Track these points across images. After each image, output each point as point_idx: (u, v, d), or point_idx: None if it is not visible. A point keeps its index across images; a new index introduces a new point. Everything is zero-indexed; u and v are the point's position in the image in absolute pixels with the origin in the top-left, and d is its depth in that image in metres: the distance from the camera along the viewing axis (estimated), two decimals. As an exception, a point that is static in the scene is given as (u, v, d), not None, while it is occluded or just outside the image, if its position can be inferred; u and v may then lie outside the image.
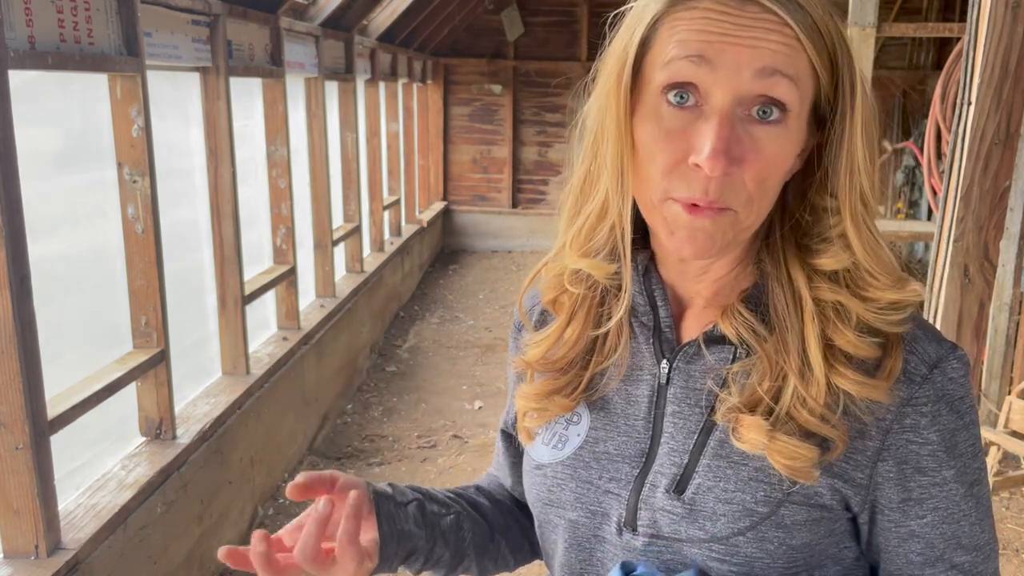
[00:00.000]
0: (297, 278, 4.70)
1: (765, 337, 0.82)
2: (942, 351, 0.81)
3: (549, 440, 0.92)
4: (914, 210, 8.54)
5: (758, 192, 0.77)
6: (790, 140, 0.77)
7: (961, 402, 0.81)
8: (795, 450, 0.78)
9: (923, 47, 9.09)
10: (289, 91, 4.56)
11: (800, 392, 0.79)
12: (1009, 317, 3.88)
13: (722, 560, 0.81)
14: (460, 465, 4.47)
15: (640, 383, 0.89)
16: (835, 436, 0.79)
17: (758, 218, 0.80)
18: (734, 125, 0.75)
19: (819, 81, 0.78)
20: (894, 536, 0.83)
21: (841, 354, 0.79)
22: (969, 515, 0.82)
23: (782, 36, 0.74)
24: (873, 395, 0.78)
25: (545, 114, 10.09)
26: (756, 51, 0.74)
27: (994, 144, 2.43)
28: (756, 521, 0.80)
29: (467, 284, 8.72)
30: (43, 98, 2.79)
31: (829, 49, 0.77)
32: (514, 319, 1.05)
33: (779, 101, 0.75)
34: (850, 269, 0.81)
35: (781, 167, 0.78)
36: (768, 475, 0.80)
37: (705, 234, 0.77)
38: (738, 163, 0.75)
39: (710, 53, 0.74)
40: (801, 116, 0.78)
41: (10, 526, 2.32)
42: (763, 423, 0.79)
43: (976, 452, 0.83)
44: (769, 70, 0.74)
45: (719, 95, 0.75)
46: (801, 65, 0.76)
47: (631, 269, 0.86)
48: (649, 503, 0.85)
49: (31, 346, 2.27)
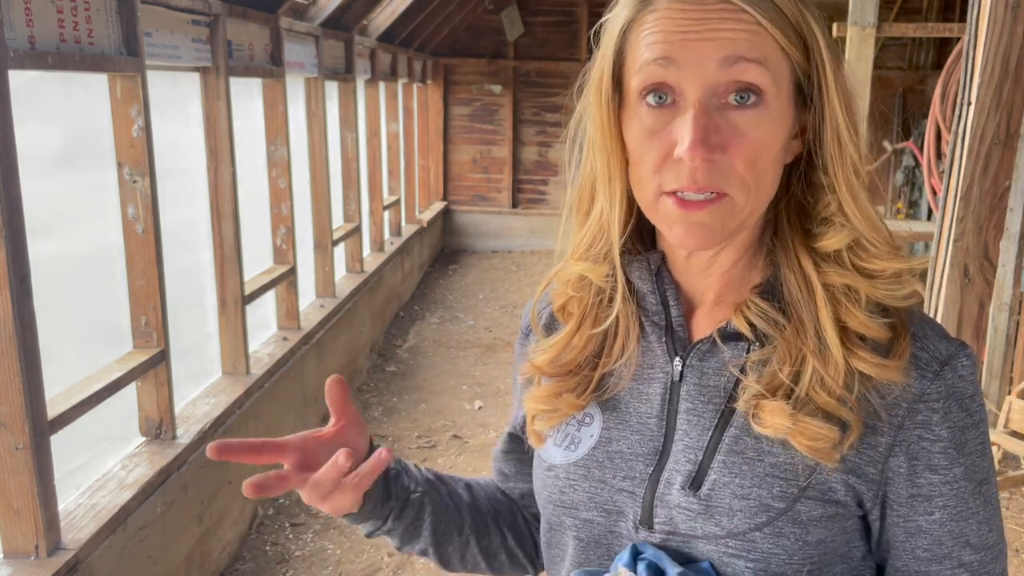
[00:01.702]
0: (297, 278, 4.70)
1: (783, 325, 0.83)
2: (952, 348, 0.82)
3: (561, 442, 0.93)
4: (914, 210, 8.54)
5: (751, 175, 0.79)
6: (773, 121, 0.79)
7: (971, 400, 0.82)
8: (817, 431, 0.79)
9: (923, 47, 9.09)
10: (289, 91, 4.56)
11: (819, 372, 0.80)
12: (1009, 317, 3.88)
13: (739, 556, 0.81)
14: (460, 465, 4.47)
15: (652, 381, 0.89)
16: (852, 419, 0.79)
17: (757, 203, 0.81)
18: (710, 115, 0.77)
19: (792, 59, 0.79)
20: (901, 531, 0.83)
21: (856, 336, 0.81)
22: (977, 513, 0.83)
23: (740, 23, 0.76)
24: (890, 376, 0.80)
25: (545, 114, 10.09)
26: (716, 42, 0.76)
27: (994, 144, 2.42)
28: (773, 517, 0.81)
29: (467, 284, 8.72)
30: (43, 98, 2.79)
31: (795, 26, 0.78)
32: (521, 325, 1.05)
33: (752, 85, 0.77)
34: (852, 246, 0.82)
35: (770, 148, 0.79)
36: (784, 470, 0.81)
37: (702, 226, 0.79)
38: (721, 150, 0.77)
39: (674, 52, 0.77)
40: (781, 96, 0.79)
41: (10, 526, 2.32)
42: (785, 406, 0.80)
43: (985, 451, 0.83)
44: (732, 58, 0.76)
45: (690, 90, 0.77)
46: (767, 47, 0.77)
47: (646, 270, 0.89)
48: (665, 500, 0.85)
49: (31, 346, 2.27)
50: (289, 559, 3.57)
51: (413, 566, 3.52)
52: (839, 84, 0.80)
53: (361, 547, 3.65)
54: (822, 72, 0.80)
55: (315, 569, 3.50)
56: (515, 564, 1.10)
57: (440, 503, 1.03)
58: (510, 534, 1.08)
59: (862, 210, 0.82)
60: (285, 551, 3.63)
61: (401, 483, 0.99)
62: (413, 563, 3.53)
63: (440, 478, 1.06)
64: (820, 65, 0.80)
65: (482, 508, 1.08)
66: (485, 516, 1.07)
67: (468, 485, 1.09)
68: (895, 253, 0.83)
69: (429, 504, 1.01)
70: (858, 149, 0.82)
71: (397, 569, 3.49)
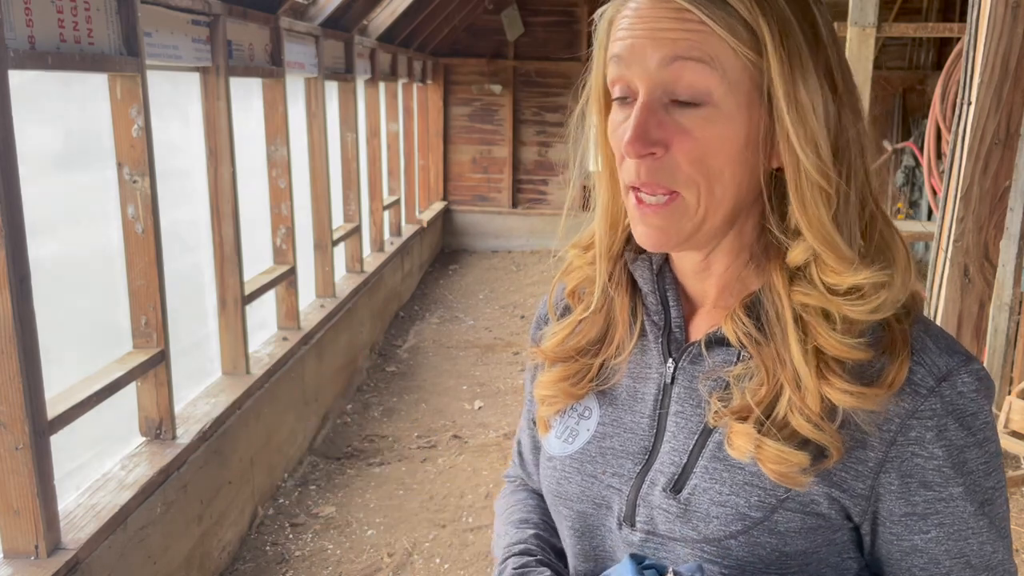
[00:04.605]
0: (297, 278, 4.70)
1: (762, 343, 0.82)
2: (953, 363, 0.79)
3: (561, 434, 0.95)
4: (914, 210, 8.55)
5: (700, 173, 0.78)
6: (724, 120, 0.77)
7: (973, 418, 0.78)
8: (783, 455, 0.78)
9: (923, 47, 9.09)
10: (289, 91, 4.56)
11: (795, 401, 0.79)
12: (1009, 317, 3.88)
13: (713, 562, 0.81)
14: (460, 465, 4.47)
15: (648, 381, 0.90)
16: (830, 444, 0.78)
17: (713, 202, 0.80)
18: (655, 111, 0.78)
19: (747, 60, 0.76)
20: (896, 549, 0.82)
21: (833, 360, 0.78)
22: (979, 534, 0.80)
23: (683, 23, 0.76)
24: (865, 404, 0.77)
25: (545, 114, 10.08)
26: (657, 42, 0.77)
27: (994, 144, 2.43)
28: (748, 525, 0.80)
29: (467, 284, 8.71)
30: (43, 98, 2.79)
31: (747, 25, 0.76)
32: (537, 313, 1.06)
33: (692, 84, 0.77)
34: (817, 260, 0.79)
35: (721, 147, 0.78)
36: (763, 480, 0.80)
37: (656, 227, 0.81)
38: (662, 145, 0.78)
39: (624, 52, 0.79)
40: (736, 94, 0.77)
41: (10, 526, 2.32)
42: (751, 431, 0.79)
43: (991, 470, 0.80)
44: (670, 58, 0.77)
45: (638, 88, 0.79)
46: (712, 47, 0.76)
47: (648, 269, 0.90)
48: (647, 500, 0.86)
49: (31, 346, 2.27)
50: (289, 559, 3.57)
51: (413, 566, 3.52)
52: (789, 88, 0.76)
53: (361, 547, 3.65)
54: (771, 75, 0.76)
55: (315, 569, 3.50)
56: None
57: None
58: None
59: (811, 221, 0.78)
60: (285, 551, 3.63)
61: None
62: (413, 563, 3.53)
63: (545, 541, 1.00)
64: (768, 68, 0.76)
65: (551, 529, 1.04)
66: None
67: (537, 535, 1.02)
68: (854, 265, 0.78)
69: None
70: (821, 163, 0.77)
71: (397, 569, 3.49)
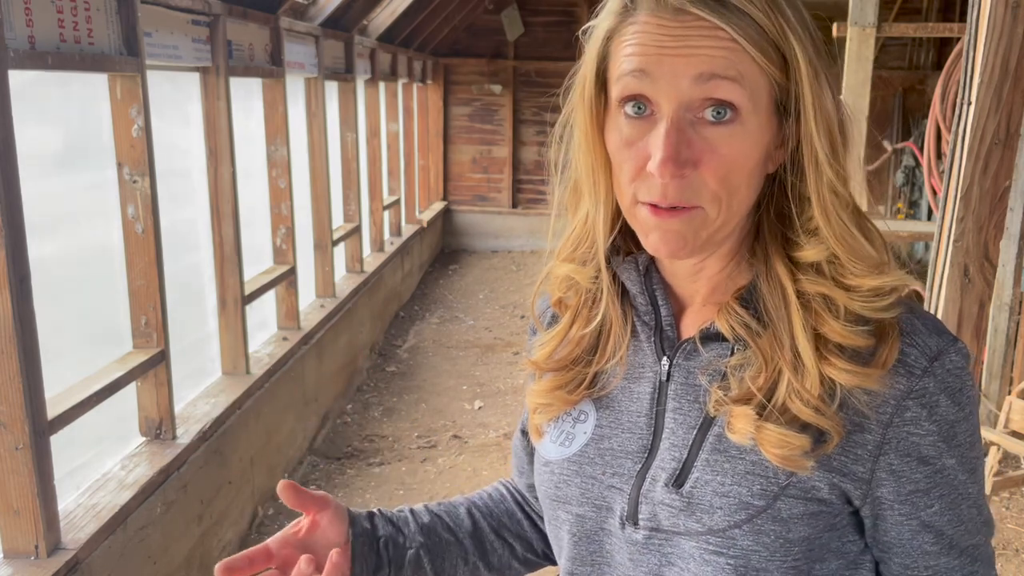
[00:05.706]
0: (297, 278, 4.70)
1: (759, 332, 0.84)
2: (943, 343, 0.82)
3: (557, 438, 0.95)
4: (914, 210, 8.55)
5: (724, 189, 0.79)
6: (748, 137, 0.79)
7: (960, 393, 0.82)
8: (784, 439, 0.80)
9: (923, 47, 9.09)
10: (289, 91, 4.56)
11: (794, 385, 0.81)
12: (1009, 317, 3.88)
13: (719, 552, 0.83)
14: (460, 465, 4.47)
15: (642, 380, 0.91)
16: (830, 427, 0.80)
17: (730, 215, 0.82)
18: (683, 130, 0.78)
19: (771, 76, 0.79)
20: (907, 529, 0.84)
21: (833, 345, 0.81)
22: (969, 498, 0.85)
23: (717, 40, 0.76)
24: (865, 383, 0.80)
25: (545, 114, 10.03)
26: (691, 59, 0.77)
27: (994, 144, 2.43)
28: (752, 514, 0.82)
29: (467, 284, 8.72)
30: (43, 98, 2.79)
31: (775, 43, 0.78)
32: (531, 323, 1.08)
33: (726, 101, 0.77)
34: (832, 260, 0.83)
35: (744, 164, 0.80)
36: (765, 468, 0.82)
37: (675, 234, 0.81)
38: (692, 165, 0.78)
39: (650, 66, 0.78)
40: (759, 112, 0.79)
41: (10, 526, 2.32)
42: (751, 413, 0.81)
43: (974, 442, 0.85)
44: (707, 75, 0.77)
45: (664, 105, 0.78)
46: (743, 65, 0.77)
47: (635, 271, 0.91)
48: (649, 497, 0.87)
49: (31, 346, 2.27)
50: (289, 559, 3.57)
51: (413, 566, 3.52)
52: (818, 104, 0.79)
53: (361, 547, 3.65)
54: (801, 92, 0.79)
55: (315, 569, 3.50)
56: (532, 566, 1.13)
57: (439, 545, 1.06)
58: (517, 544, 1.11)
59: (836, 231, 0.82)
60: (285, 551, 3.63)
61: (394, 544, 1.02)
62: (413, 563, 3.53)
63: (439, 514, 1.09)
64: (799, 85, 0.79)
65: (484, 529, 1.11)
66: (488, 535, 1.10)
67: (469, 509, 1.12)
68: (877, 269, 0.83)
69: (426, 554, 1.04)
70: (839, 168, 0.81)
71: (397, 569, 3.49)
